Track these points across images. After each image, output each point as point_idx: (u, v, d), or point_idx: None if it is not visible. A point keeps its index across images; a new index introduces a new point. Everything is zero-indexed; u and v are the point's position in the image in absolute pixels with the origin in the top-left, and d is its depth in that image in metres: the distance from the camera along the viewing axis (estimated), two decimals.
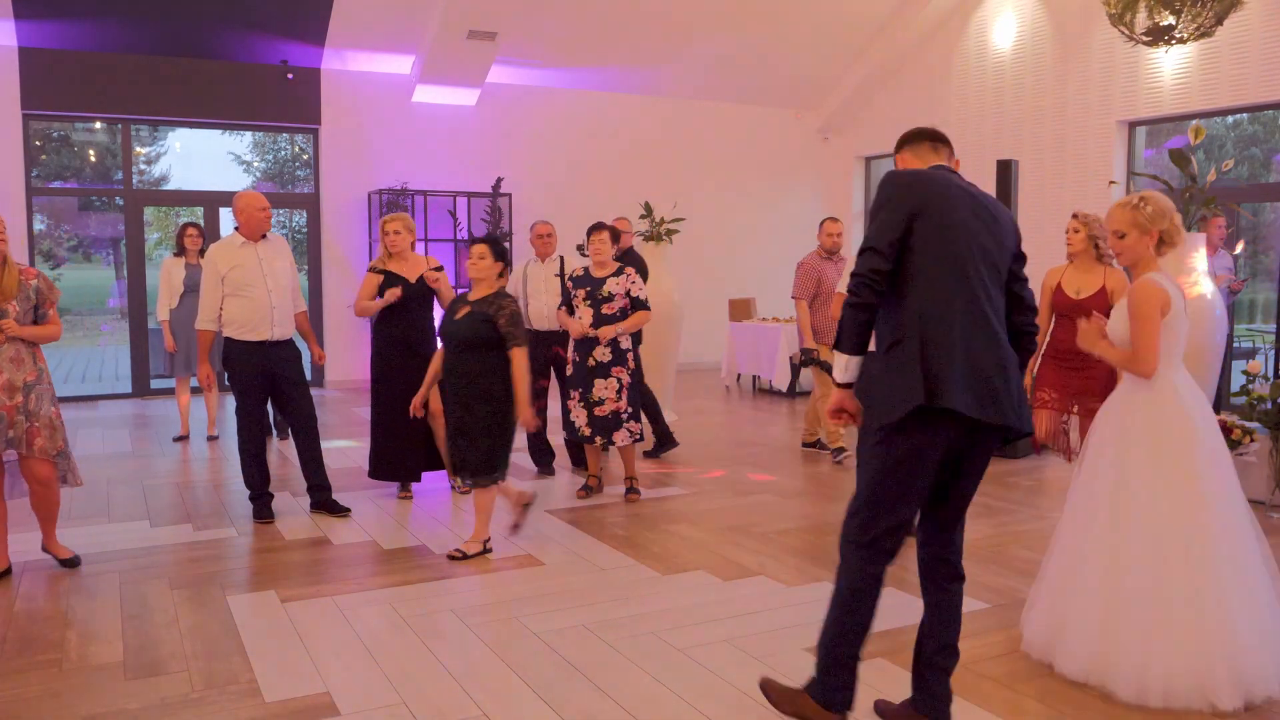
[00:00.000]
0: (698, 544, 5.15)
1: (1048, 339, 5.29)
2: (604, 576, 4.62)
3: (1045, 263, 11.30)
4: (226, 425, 8.29)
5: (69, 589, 4.44)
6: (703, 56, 12.07)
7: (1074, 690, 3.37)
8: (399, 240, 5.82)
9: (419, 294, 5.86)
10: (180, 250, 8.03)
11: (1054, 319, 5.26)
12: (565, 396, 6.16)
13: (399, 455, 5.93)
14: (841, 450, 7.08)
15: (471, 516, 5.68)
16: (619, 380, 5.90)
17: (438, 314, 5.96)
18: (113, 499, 6.11)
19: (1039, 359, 5.30)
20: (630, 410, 5.92)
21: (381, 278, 5.82)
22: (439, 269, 5.98)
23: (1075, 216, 5.17)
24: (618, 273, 5.98)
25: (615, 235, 6.18)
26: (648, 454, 7.31)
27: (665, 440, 7.36)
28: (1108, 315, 4.99)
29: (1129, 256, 3.43)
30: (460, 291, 6.20)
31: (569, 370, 6.08)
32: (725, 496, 6.20)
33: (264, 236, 5.55)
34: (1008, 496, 6.12)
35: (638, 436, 5.97)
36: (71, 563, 4.72)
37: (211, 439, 8.04)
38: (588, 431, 5.92)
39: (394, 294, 5.75)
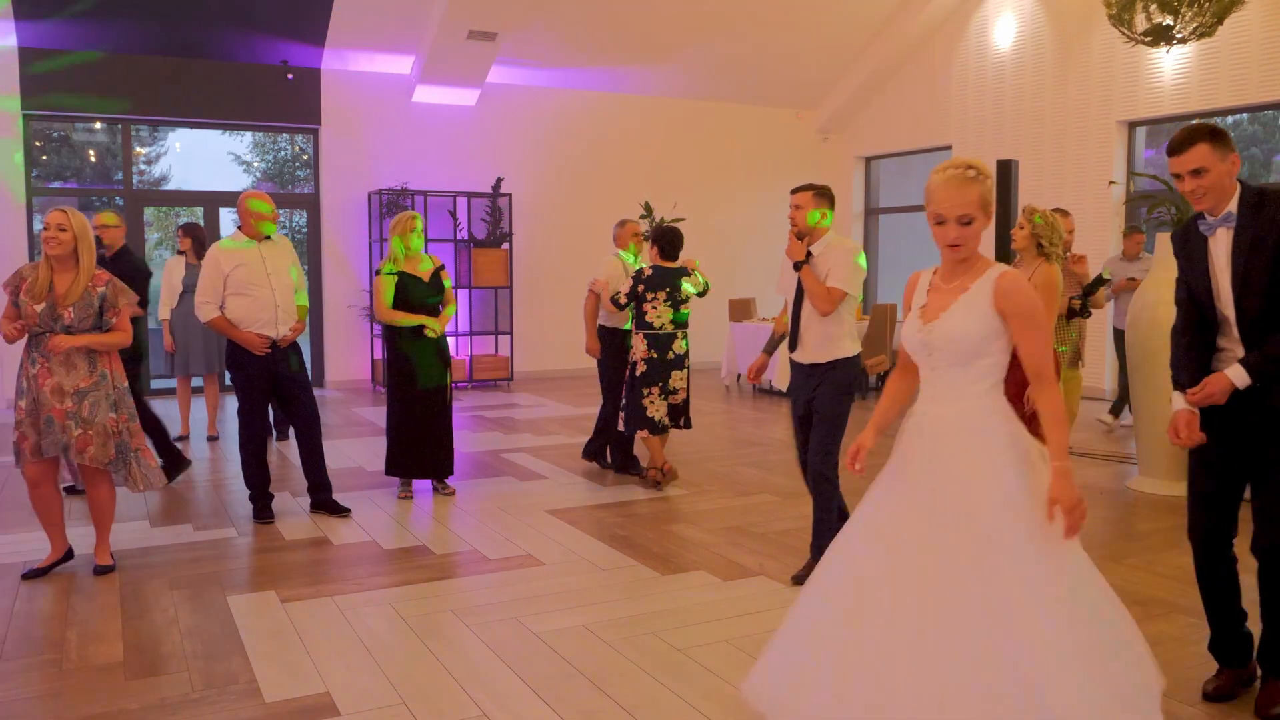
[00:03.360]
0: (698, 544, 5.15)
1: None
2: (604, 576, 4.62)
3: None
4: (227, 425, 8.29)
5: (69, 589, 4.44)
6: (703, 56, 12.07)
7: None
8: (421, 240, 5.94)
9: (437, 292, 5.93)
10: (181, 250, 8.06)
11: None
12: (640, 395, 6.25)
13: (419, 452, 5.96)
14: None
15: (469, 519, 5.68)
16: (688, 370, 6.40)
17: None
18: None
19: None
20: (688, 398, 6.45)
21: (397, 279, 5.84)
22: (441, 267, 6.03)
23: (1022, 212, 5.03)
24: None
25: (653, 237, 6.41)
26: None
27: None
28: None
29: (971, 247, 2.65)
30: (460, 290, 6.26)
31: (641, 369, 6.23)
32: (725, 496, 6.20)
33: (268, 237, 5.56)
34: None
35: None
36: (105, 570, 4.65)
37: (212, 439, 8.04)
38: (667, 421, 6.31)
39: (436, 332, 5.89)
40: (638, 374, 6.25)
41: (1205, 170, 3.08)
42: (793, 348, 4.52)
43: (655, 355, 6.23)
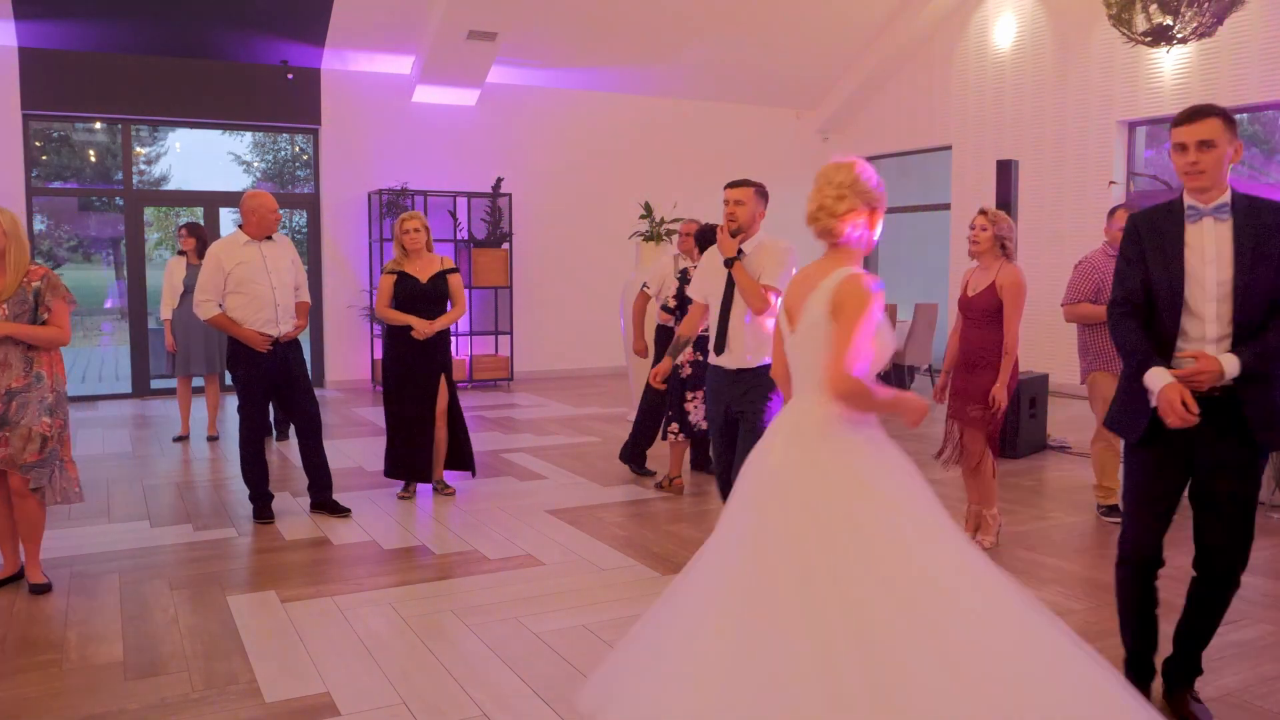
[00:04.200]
0: (698, 544, 5.12)
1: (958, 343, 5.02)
2: (604, 576, 4.62)
3: (1046, 262, 11.29)
4: (227, 425, 8.29)
5: (69, 589, 4.44)
6: (703, 56, 12.07)
7: None
8: (417, 239, 5.84)
9: (432, 294, 5.88)
10: (181, 251, 8.06)
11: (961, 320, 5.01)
12: (682, 399, 6.07)
13: (415, 455, 5.96)
14: (1114, 510, 5.60)
15: (469, 519, 5.68)
16: None
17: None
18: (113, 499, 6.10)
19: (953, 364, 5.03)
20: None
21: (395, 278, 5.84)
22: (454, 270, 5.99)
23: (984, 214, 4.87)
24: None
25: (696, 236, 6.12)
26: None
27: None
28: (997, 313, 4.76)
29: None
30: (467, 290, 6.23)
31: (686, 372, 6.03)
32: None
33: (269, 236, 5.57)
34: (1008, 496, 6.12)
35: None
36: (40, 589, 4.38)
37: (211, 439, 8.04)
38: (704, 425, 5.98)
39: (421, 333, 5.78)
40: (683, 376, 6.04)
41: (1213, 144, 2.90)
42: (719, 351, 4.34)
43: (701, 358, 5.99)
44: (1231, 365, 2.87)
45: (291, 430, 7.80)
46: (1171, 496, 3.07)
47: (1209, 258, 2.95)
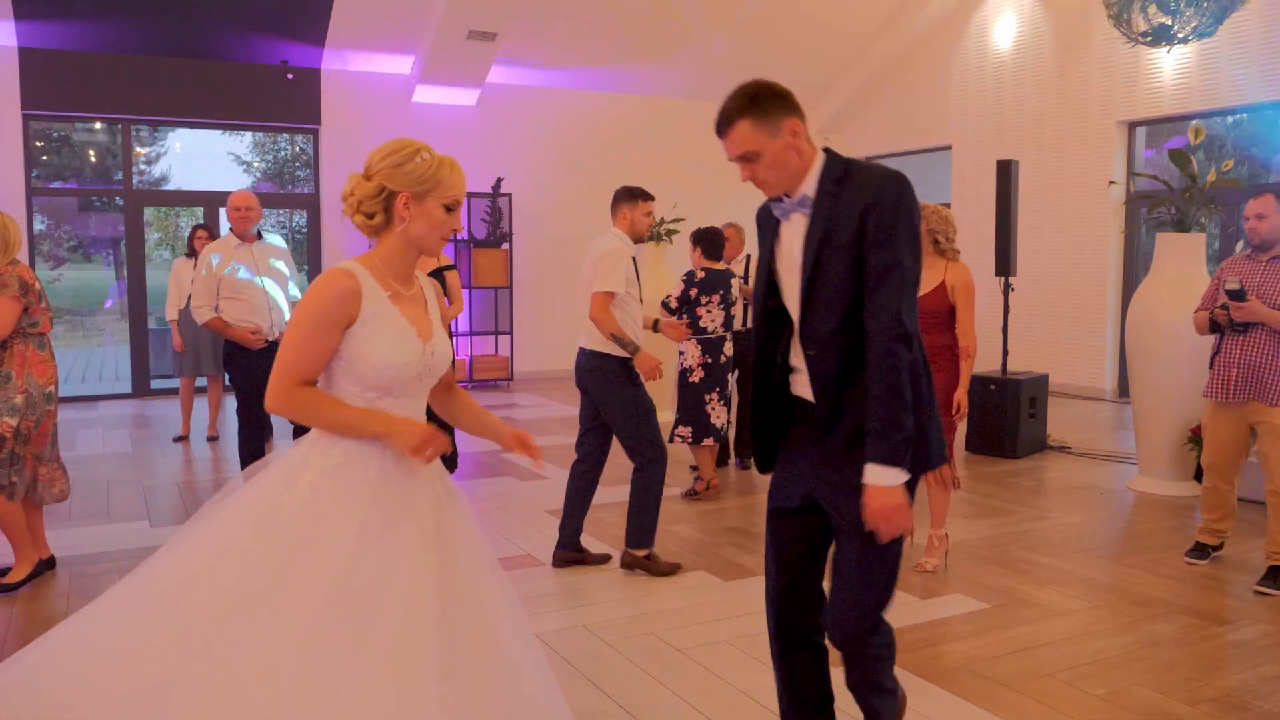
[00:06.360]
0: (698, 544, 5.15)
1: None
2: (604, 576, 4.62)
3: (1045, 263, 11.26)
4: (226, 426, 8.29)
5: (69, 589, 4.44)
6: (703, 57, 12.07)
7: (1075, 691, 3.37)
8: None
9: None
10: (191, 252, 8.05)
11: None
12: (701, 402, 6.05)
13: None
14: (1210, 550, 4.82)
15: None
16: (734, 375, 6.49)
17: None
18: (113, 499, 6.10)
19: None
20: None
21: None
22: (452, 268, 6.01)
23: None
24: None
25: (696, 238, 6.24)
26: None
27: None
28: (950, 313, 4.55)
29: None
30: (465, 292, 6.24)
31: (698, 375, 6.06)
32: (725, 496, 6.20)
33: (260, 237, 5.57)
34: (1008, 496, 6.12)
35: None
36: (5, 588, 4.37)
37: (212, 439, 8.04)
38: (726, 424, 6.21)
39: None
40: (692, 380, 6.07)
41: (756, 154, 2.35)
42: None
43: (710, 360, 6.06)
44: (885, 476, 2.24)
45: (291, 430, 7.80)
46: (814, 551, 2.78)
47: (793, 255, 2.40)
